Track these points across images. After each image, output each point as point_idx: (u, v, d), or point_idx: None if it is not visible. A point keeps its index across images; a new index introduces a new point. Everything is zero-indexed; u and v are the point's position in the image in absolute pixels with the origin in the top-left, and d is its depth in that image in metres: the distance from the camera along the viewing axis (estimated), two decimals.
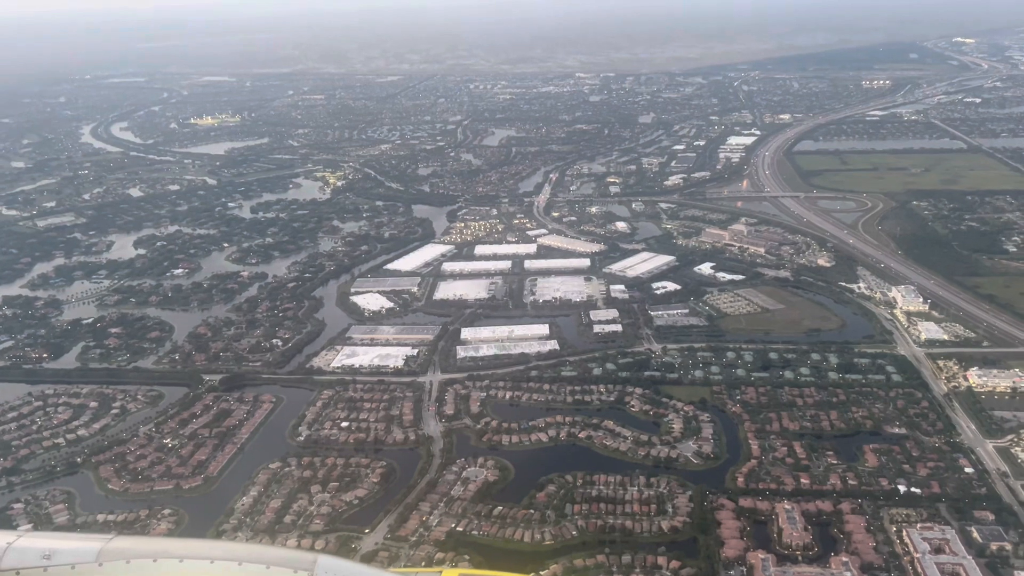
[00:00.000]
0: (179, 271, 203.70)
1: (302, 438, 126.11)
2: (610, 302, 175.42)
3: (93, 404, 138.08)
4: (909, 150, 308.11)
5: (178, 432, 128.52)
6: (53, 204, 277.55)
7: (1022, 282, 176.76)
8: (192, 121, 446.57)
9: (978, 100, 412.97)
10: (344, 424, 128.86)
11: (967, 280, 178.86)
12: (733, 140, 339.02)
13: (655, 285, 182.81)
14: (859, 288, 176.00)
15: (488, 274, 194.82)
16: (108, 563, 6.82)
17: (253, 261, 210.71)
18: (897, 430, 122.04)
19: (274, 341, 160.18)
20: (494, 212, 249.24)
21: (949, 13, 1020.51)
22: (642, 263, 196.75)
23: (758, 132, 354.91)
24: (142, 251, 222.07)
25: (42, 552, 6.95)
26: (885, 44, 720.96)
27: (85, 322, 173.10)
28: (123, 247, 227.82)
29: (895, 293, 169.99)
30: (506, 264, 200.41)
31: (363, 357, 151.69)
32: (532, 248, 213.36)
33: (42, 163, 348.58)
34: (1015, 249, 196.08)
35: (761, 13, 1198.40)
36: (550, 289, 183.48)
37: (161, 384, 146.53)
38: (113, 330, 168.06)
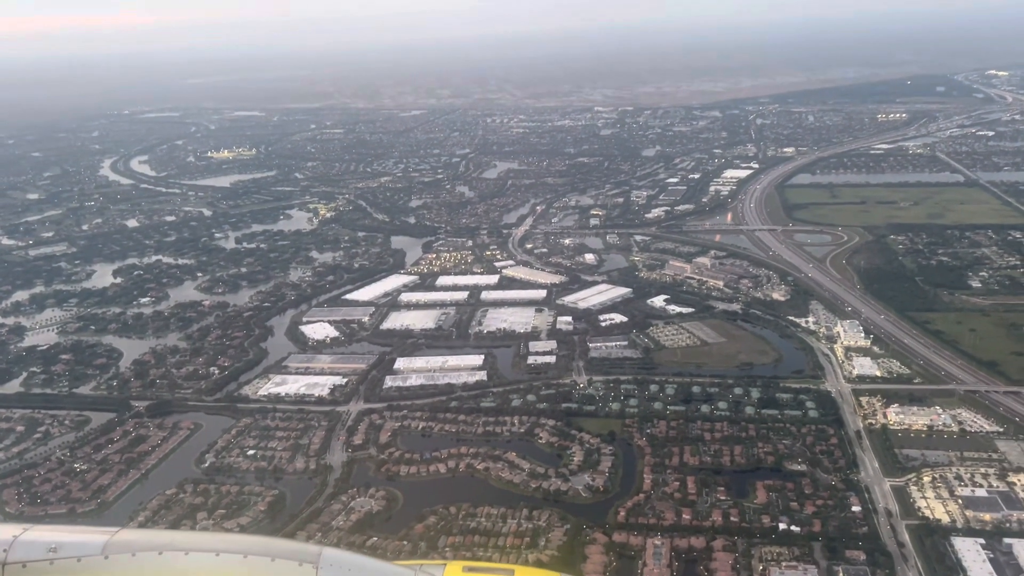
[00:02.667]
0: (145, 300, 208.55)
1: (207, 465, 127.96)
2: (553, 333, 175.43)
3: (20, 428, 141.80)
4: (904, 184, 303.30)
5: (91, 457, 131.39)
6: (51, 234, 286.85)
7: (974, 319, 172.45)
8: (209, 155, 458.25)
9: (991, 133, 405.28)
10: (251, 452, 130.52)
11: (920, 316, 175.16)
12: (729, 173, 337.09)
13: (602, 317, 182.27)
14: (806, 323, 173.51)
15: (443, 304, 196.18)
16: (113, 556, 7.06)
17: (219, 290, 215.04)
18: (797, 467, 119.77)
19: (211, 369, 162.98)
20: (469, 243, 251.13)
21: (991, 44, 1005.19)
22: (597, 295, 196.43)
23: (756, 165, 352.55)
24: (118, 280, 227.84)
25: (48, 545, 7.28)
26: (914, 76, 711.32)
27: (40, 348, 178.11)
28: (103, 276, 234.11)
29: (839, 328, 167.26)
30: (463, 295, 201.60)
31: (291, 386, 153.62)
32: (494, 279, 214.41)
33: (55, 195, 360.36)
34: (979, 285, 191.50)
35: (800, 46, 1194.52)
36: (497, 320, 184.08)
37: (93, 409, 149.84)
38: (64, 356, 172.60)
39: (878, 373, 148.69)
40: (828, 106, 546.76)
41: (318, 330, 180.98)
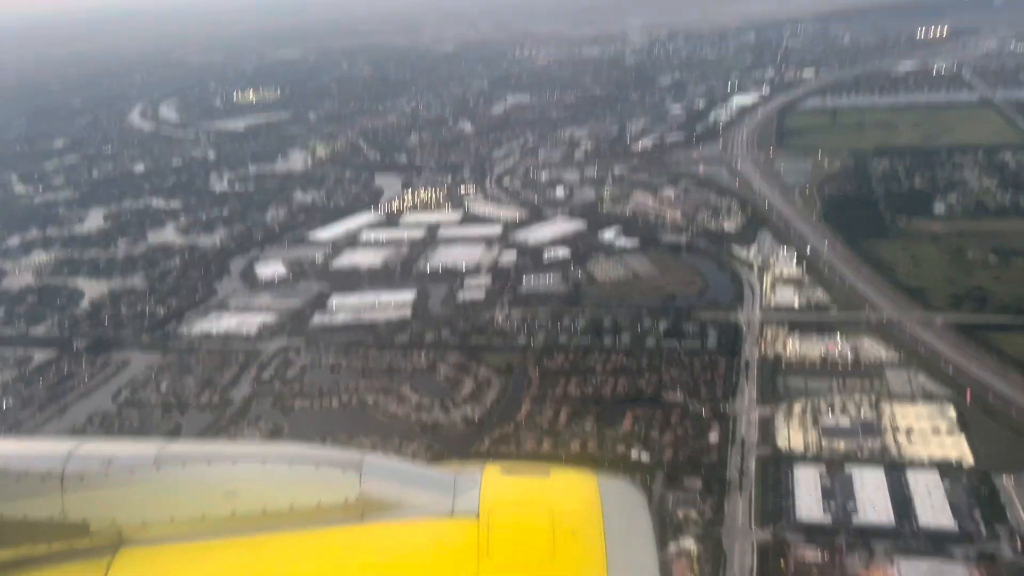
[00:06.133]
0: (123, 243, 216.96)
1: (120, 400, 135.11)
2: (494, 269, 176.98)
3: None
4: (913, 105, 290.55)
5: (20, 393, 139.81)
6: (62, 181, 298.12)
7: (922, 245, 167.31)
8: (234, 98, 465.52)
9: None
10: (163, 387, 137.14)
11: (868, 243, 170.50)
12: (736, 100, 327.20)
13: (547, 252, 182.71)
14: (747, 253, 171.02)
15: (400, 242, 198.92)
16: (165, 467, 7.34)
17: (195, 232, 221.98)
18: (674, 397, 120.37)
19: (158, 309, 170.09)
20: (448, 180, 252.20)
21: None
22: (550, 230, 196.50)
23: (768, 91, 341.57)
24: (107, 225, 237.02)
25: (102, 458, 7.38)
26: None
27: (11, 292, 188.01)
28: (95, 220, 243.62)
29: (774, 258, 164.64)
30: (421, 232, 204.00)
31: (224, 324, 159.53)
32: (456, 216, 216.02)
33: (79, 142, 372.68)
34: (943, 210, 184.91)
35: None
36: (444, 257, 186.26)
37: (39, 347, 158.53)
38: (29, 298, 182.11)
39: (797, 303, 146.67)
40: (868, 24, 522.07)
41: (269, 269, 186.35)
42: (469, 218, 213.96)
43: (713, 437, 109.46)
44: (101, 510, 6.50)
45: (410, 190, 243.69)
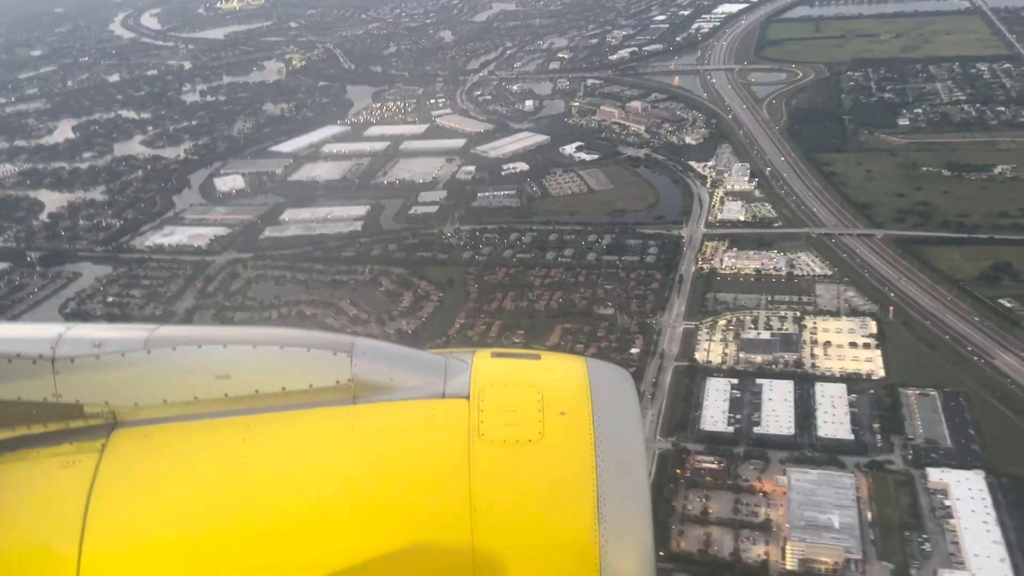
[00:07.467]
0: (88, 154, 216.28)
1: (67, 311, 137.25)
2: (451, 183, 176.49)
3: None
4: (900, 14, 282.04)
5: None
6: (35, 91, 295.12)
7: (879, 159, 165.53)
8: (219, 6, 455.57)
9: None
10: (110, 299, 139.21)
11: (825, 157, 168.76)
12: (722, 8, 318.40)
13: (505, 166, 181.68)
14: (704, 168, 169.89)
15: (362, 155, 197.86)
16: (155, 350, 7.09)
17: (160, 144, 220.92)
18: (605, 311, 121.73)
19: (113, 220, 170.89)
20: (420, 92, 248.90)
21: None
22: (512, 144, 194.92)
23: None
24: (76, 136, 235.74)
25: (92, 341, 7.08)
26: None
27: None
28: (64, 131, 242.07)
29: (729, 172, 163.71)
30: (384, 145, 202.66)
31: (177, 236, 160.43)
32: (421, 129, 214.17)
33: (58, 51, 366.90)
34: (907, 123, 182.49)
35: None
36: (403, 170, 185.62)
37: None
38: None
39: (742, 218, 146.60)
40: None
41: (228, 182, 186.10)
42: (434, 131, 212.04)
43: (635, 349, 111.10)
44: (93, 392, 6.66)
45: (380, 102, 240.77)
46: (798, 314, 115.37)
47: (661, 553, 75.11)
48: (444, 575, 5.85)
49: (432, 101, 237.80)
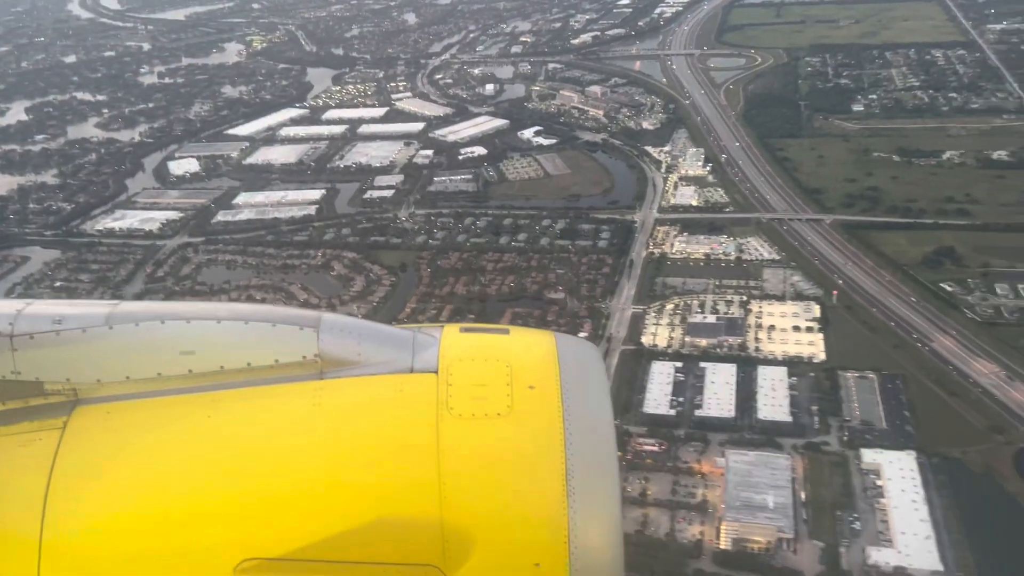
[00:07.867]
0: (41, 137, 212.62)
1: (14, 295, 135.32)
2: (408, 168, 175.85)
3: None
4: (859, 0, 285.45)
5: None
6: None
7: (832, 144, 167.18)
8: None
9: None
10: (58, 284, 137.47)
11: (779, 143, 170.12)
12: None
13: (463, 151, 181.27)
14: (659, 153, 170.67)
15: (318, 139, 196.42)
16: (118, 325, 6.88)
17: (115, 127, 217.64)
18: (555, 295, 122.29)
19: (63, 204, 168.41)
20: (380, 75, 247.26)
21: None
22: (471, 128, 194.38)
23: None
24: (28, 118, 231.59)
25: (52, 317, 6.88)
26: None
27: None
28: (16, 114, 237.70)
29: (684, 157, 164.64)
30: (341, 129, 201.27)
31: (128, 220, 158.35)
32: (380, 112, 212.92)
33: (12, 31, 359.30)
34: (861, 108, 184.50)
35: None
36: (360, 154, 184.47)
37: None
38: None
39: (695, 203, 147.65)
40: None
41: (182, 166, 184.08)
42: (393, 115, 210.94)
43: (583, 334, 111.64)
44: (54, 369, 6.48)
45: (340, 85, 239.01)
46: (744, 298, 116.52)
47: None
48: (413, 549, 5.84)
49: (393, 84, 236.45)
